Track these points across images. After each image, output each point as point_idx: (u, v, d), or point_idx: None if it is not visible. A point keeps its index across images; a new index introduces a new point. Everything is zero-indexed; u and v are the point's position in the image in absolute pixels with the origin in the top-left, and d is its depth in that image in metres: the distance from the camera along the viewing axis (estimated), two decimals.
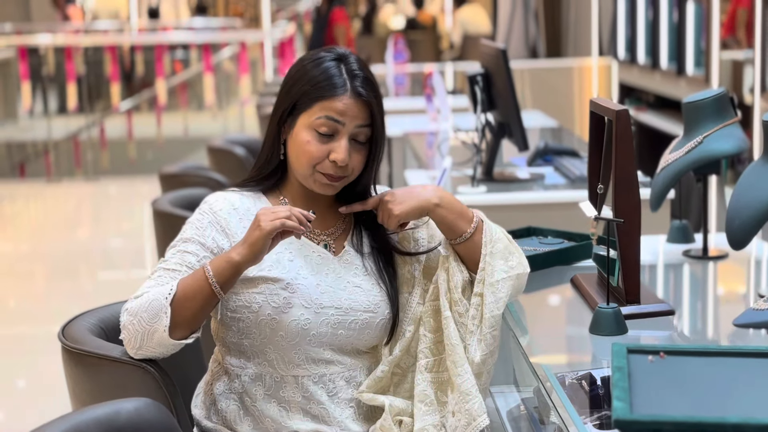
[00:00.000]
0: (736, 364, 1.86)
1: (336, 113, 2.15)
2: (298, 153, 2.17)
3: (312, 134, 2.16)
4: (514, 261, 2.19)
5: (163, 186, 4.27)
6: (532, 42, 10.15)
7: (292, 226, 2.03)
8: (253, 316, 2.15)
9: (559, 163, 3.92)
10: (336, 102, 2.15)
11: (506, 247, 2.19)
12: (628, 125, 2.17)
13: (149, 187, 9.11)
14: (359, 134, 2.17)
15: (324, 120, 2.15)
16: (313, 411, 2.18)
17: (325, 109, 2.15)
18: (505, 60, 3.49)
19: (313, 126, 2.15)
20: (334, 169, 2.16)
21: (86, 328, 2.28)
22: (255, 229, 2.04)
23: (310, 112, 2.16)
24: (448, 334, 2.16)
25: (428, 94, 5.35)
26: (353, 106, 2.16)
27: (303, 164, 2.17)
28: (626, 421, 1.63)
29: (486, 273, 2.16)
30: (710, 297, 2.61)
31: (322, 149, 2.15)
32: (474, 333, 2.16)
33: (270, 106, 6.96)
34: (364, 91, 2.17)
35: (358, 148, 2.18)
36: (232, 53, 11.88)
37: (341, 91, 2.15)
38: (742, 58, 6.71)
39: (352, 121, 2.16)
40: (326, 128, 2.15)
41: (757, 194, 2.28)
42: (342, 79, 2.17)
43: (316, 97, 2.16)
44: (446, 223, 2.19)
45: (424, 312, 2.22)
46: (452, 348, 2.15)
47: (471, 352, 2.15)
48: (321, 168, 2.16)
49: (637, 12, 7.75)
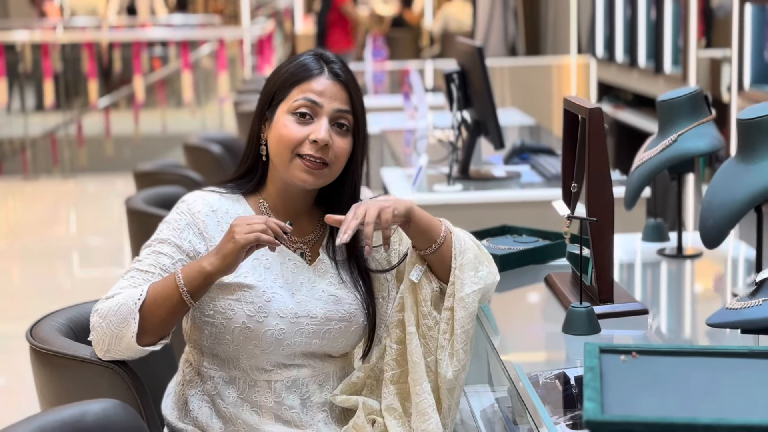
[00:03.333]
0: (708, 364, 1.85)
1: (313, 93, 2.13)
2: (278, 139, 2.14)
3: (291, 118, 2.14)
4: (484, 271, 2.15)
5: (138, 184, 4.24)
6: (511, 40, 10.15)
7: (267, 241, 1.99)
8: (227, 323, 2.12)
9: (535, 161, 3.91)
10: (313, 83, 2.14)
11: (476, 256, 2.15)
12: (602, 123, 2.16)
13: (126, 185, 9.06)
14: (340, 118, 2.14)
15: (302, 101, 2.13)
16: (285, 416, 2.16)
17: (303, 91, 2.14)
18: (481, 58, 3.47)
19: (291, 109, 2.14)
20: (314, 149, 2.11)
21: (55, 328, 2.25)
22: (229, 240, 2.00)
23: (289, 98, 2.15)
24: (410, 351, 2.13)
25: (406, 91, 5.33)
26: (331, 87, 2.14)
27: (283, 149, 2.13)
28: (597, 422, 1.62)
29: (456, 287, 2.12)
30: (685, 296, 2.60)
31: (301, 130, 2.13)
32: (445, 348, 2.12)
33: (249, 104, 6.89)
34: (342, 73, 2.16)
35: (341, 134, 2.15)
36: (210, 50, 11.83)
37: (317, 72, 2.15)
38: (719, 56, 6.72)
39: (331, 103, 2.13)
40: (305, 108, 2.13)
41: (730, 193, 2.27)
42: (318, 64, 2.17)
43: (294, 83, 2.15)
44: (421, 229, 2.13)
45: (391, 323, 2.18)
46: (413, 365, 2.13)
47: (443, 367, 2.12)
48: (301, 150, 2.12)
49: (615, 10, 7.75)
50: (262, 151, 2.19)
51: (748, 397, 1.72)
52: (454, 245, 2.13)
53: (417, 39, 15.05)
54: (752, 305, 2.05)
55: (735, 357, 1.86)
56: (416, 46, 14.72)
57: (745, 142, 2.28)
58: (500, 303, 2.37)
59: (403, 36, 14.67)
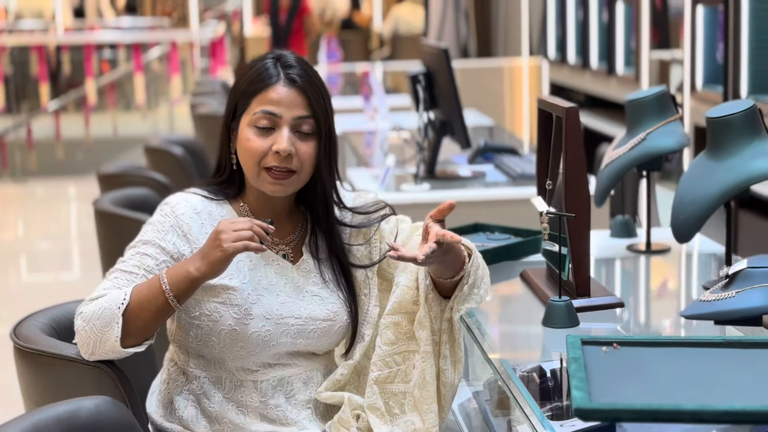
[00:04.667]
0: (687, 354, 1.91)
1: (271, 105, 2.14)
2: (244, 153, 2.16)
3: (253, 131, 2.15)
4: (483, 288, 2.16)
5: (102, 186, 4.23)
6: (464, 42, 10.23)
7: (255, 248, 2.01)
8: (213, 325, 2.14)
9: (499, 161, 3.97)
10: (270, 93, 2.15)
11: (480, 276, 2.15)
12: (578, 122, 2.22)
13: (77, 189, 9.00)
14: (301, 125, 2.15)
15: (261, 114, 2.15)
16: (271, 415, 2.19)
17: (261, 102, 2.15)
18: (447, 59, 3.53)
19: (252, 122, 2.15)
20: (278, 161, 2.13)
21: (38, 328, 2.26)
22: (216, 248, 2.01)
23: (249, 110, 2.16)
24: (424, 370, 2.12)
25: (365, 93, 5.37)
26: (288, 95, 2.15)
27: (249, 163, 2.16)
28: (586, 409, 1.67)
29: (457, 301, 2.12)
30: (656, 290, 2.67)
31: (264, 143, 2.14)
32: (447, 357, 2.14)
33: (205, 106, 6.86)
34: (298, 78, 2.16)
35: (304, 139, 2.16)
36: (160, 53, 11.78)
37: (274, 81, 2.15)
38: (669, 57, 6.84)
39: (290, 111, 2.15)
40: (265, 121, 2.14)
41: (701, 190, 2.34)
42: (276, 70, 2.17)
43: (252, 93, 2.16)
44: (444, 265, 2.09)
45: (383, 325, 2.19)
46: (426, 384, 2.13)
47: (449, 376, 2.14)
48: (266, 163, 2.14)
49: (567, 12, 7.85)
50: (234, 161, 2.22)
51: (726, 384, 1.79)
52: (472, 262, 2.12)
53: (367, 41, 15.11)
54: (726, 297, 2.12)
55: (712, 347, 1.93)
56: (366, 49, 14.77)
57: (715, 140, 2.35)
58: None
59: (353, 38, 14.70)
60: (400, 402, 2.19)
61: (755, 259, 2.15)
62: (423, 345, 2.13)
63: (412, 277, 2.17)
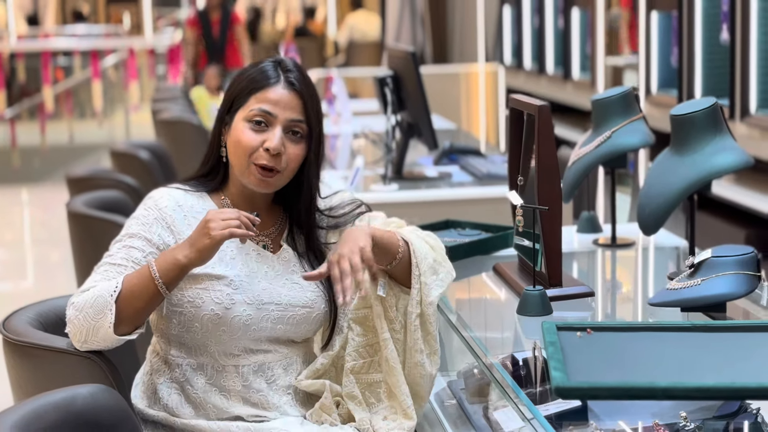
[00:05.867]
0: (656, 338, 2.01)
1: (268, 103, 2.24)
2: (235, 145, 2.25)
3: (247, 125, 2.24)
4: (443, 272, 2.28)
5: (71, 189, 4.27)
6: (420, 48, 10.34)
7: (241, 234, 2.10)
8: (196, 311, 2.22)
9: (464, 162, 4.07)
10: (268, 92, 2.24)
11: (434, 260, 2.27)
12: (549, 119, 2.32)
13: (32, 196, 8.98)
14: (293, 127, 2.25)
15: (257, 111, 2.24)
16: (253, 399, 2.26)
17: (259, 100, 2.24)
18: (415, 63, 3.62)
19: (248, 117, 2.24)
20: (267, 158, 2.22)
21: (26, 322, 2.31)
22: (204, 236, 2.10)
23: (246, 106, 2.25)
24: (387, 356, 2.25)
25: (329, 98, 5.46)
26: (285, 97, 2.24)
27: (239, 156, 2.24)
28: (565, 388, 1.77)
29: (423, 293, 2.24)
30: (623, 280, 2.78)
31: (257, 138, 2.23)
32: (424, 351, 2.25)
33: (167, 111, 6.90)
34: (297, 83, 2.26)
35: (294, 141, 2.25)
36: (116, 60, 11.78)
37: (273, 82, 2.25)
38: (622, 63, 6.99)
39: (285, 112, 2.24)
40: (260, 117, 2.23)
41: (666, 184, 2.45)
42: (276, 72, 2.27)
43: (251, 90, 2.26)
44: (382, 249, 2.22)
45: (352, 318, 2.30)
46: (391, 369, 2.25)
47: (426, 368, 2.25)
48: (255, 158, 2.23)
49: (522, 18, 7.99)
50: (223, 153, 2.31)
51: (694, 364, 1.89)
52: (414, 255, 2.25)
53: (322, 48, 15.19)
54: (691, 285, 2.23)
55: (679, 331, 2.03)
56: (321, 56, 14.86)
57: (678, 136, 2.46)
58: (453, 292, 2.51)
59: (308, 45, 14.79)
60: (376, 391, 2.29)
61: (719, 249, 2.26)
62: (380, 333, 2.25)
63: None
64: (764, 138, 4.46)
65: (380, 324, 2.26)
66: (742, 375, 1.80)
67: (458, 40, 10.30)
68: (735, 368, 1.85)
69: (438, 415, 2.48)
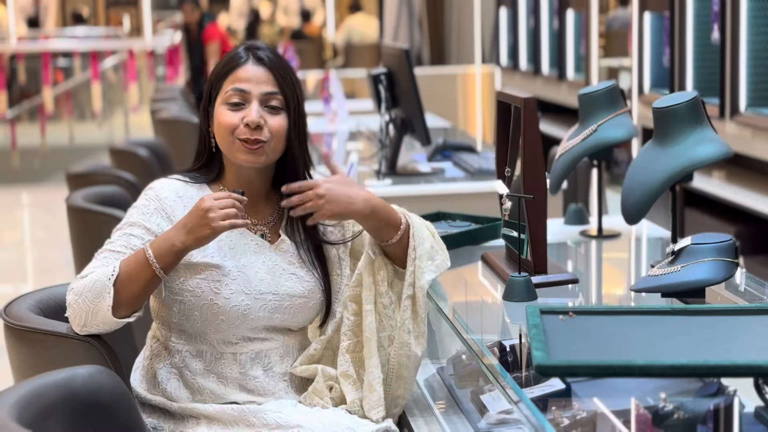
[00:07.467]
0: (636, 321, 2.08)
1: (240, 82, 2.31)
2: (219, 128, 2.32)
3: (226, 107, 2.32)
4: (440, 259, 2.34)
5: (71, 185, 4.34)
6: (417, 49, 10.42)
7: (241, 224, 2.18)
8: (196, 300, 2.29)
9: (457, 158, 4.15)
10: (239, 72, 2.32)
11: (432, 245, 2.34)
12: (535, 111, 2.39)
13: (32, 197, 9.04)
14: (270, 100, 2.31)
15: (231, 92, 2.31)
16: (249, 385, 2.33)
17: (232, 81, 2.32)
18: (409, 60, 3.69)
19: (225, 100, 2.32)
20: (249, 133, 2.29)
21: (27, 308, 2.37)
22: (204, 226, 2.16)
23: (222, 91, 2.33)
24: (365, 326, 2.32)
25: (326, 97, 5.53)
26: (256, 72, 2.32)
27: (224, 136, 2.31)
28: (546, 366, 1.83)
29: (416, 276, 2.30)
30: (607, 269, 2.86)
31: (236, 116, 2.30)
32: (412, 332, 2.31)
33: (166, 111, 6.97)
34: (265, 58, 2.33)
35: (273, 113, 2.31)
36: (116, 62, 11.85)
37: (243, 61, 2.33)
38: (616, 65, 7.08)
39: (258, 87, 2.31)
40: (236, 98, 2.31)
41: (649, 175, 2.52)
42: (245, 53, 2.35)
43: (224, 75, 2.34)
44: (373, 230, 2.31)
45: (348, 297, 2.36)
46: (366, 340, 2.32)
47: (413, 349, 2.31)
48: (238, 134, 2.30)
49: (518, 20, 8.06)
50: (213, 144, 2.38)
51: (672, 345, 1.95)
52: (413, 238, 2.31)
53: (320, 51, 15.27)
54: (672, 272, 2.30)
55: (658, 315, 2.10)
56: (320, 58, 14.93)
57: (661, 128, 2.53)
58: (444, 278, 2.58)
59: (306, 48, 14.87)
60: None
61: (699, 236, 2.33)
62: (365, 304, 2.31)
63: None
64: (754, 136, 4.53)
65: (366, 294, 2.31)
66: (715, 355, 1.86)
67: (455, 41, 10.37)
68: (710, 349, 1.91)
69: (428, 400, 2.55)
